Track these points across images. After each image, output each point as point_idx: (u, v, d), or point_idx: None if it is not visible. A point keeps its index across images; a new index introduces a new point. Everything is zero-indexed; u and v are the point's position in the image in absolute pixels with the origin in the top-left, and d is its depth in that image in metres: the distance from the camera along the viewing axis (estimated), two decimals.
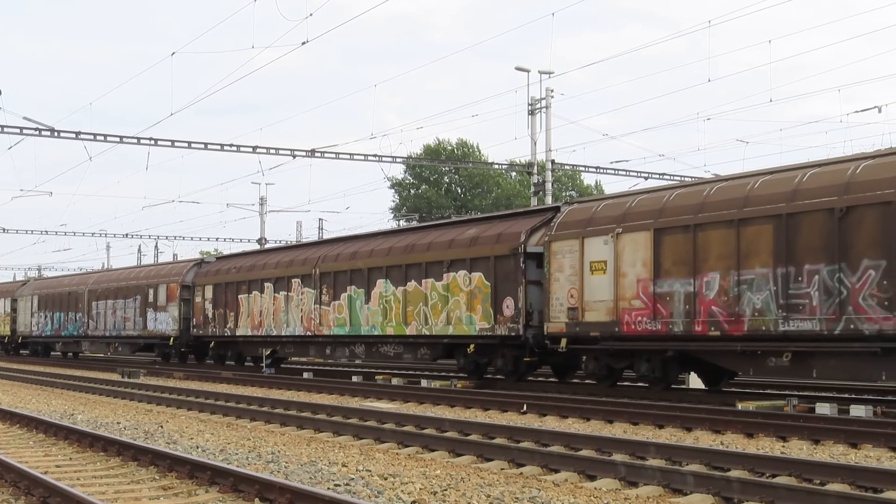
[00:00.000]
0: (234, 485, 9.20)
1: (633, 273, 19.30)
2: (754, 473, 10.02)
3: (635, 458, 11.26)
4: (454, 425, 14.68)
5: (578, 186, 75.28)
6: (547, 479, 10.28)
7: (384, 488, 9.40)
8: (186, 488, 9.56)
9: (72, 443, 13.31)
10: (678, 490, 9.38)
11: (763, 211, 17.07)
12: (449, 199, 75.14)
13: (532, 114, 38.43)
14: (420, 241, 25.95)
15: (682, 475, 9.55)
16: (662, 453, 11.24)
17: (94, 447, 12.57)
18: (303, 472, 10.37)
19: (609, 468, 10.20)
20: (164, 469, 10.50)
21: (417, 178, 77.14)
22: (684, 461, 10.84)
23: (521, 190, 69.42)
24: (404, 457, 12.10)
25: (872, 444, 12.45)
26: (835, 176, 16.36)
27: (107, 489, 9.57)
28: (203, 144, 37.03)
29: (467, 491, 9.30)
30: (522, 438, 13.14)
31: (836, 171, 16.53)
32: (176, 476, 10.17)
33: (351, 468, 10.82)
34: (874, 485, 9.17)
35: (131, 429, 15.29)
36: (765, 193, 17.24)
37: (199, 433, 14.79)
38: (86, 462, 11.60)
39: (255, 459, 11.53)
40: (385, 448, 13.03)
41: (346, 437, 14.28)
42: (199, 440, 13.78)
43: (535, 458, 11.13)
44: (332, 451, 12.62)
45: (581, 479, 10.21)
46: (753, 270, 17.10)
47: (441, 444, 12.70)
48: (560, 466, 10.70)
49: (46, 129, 34.68)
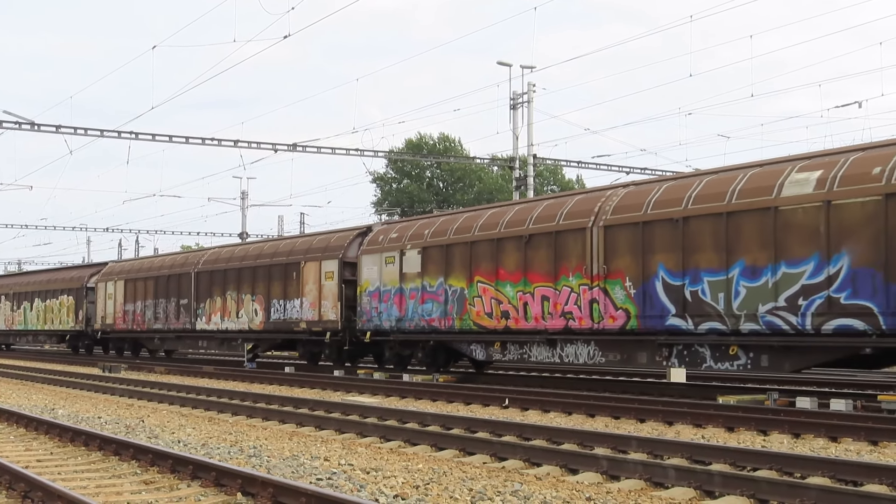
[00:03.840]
0: (217, 479, 9.18)
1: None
2: (735, 467, 10.06)
3: (617, 451, 11.30)
4: (436, 419, 14.69)
5: (560, 181, 75.38)
6: (529, 472, 10.30)
7: (366, 482, 9.40)
8: (168, 483, 9.53)
9: (53, 437, 13.25)
10: (660, 483, 9.41)
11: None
12: (431, 193, 75.12)
13: (514, 108, 38.42)
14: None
15: (663, 469, 9.58)
16: (644, 447, 11.27)
17: (75, 442, 12.52)
18: (285, 467, 10.36)
19: (591, 462, 10.22)
20: (146, 464, 10.46)
21: (399, 173, 77.10)
22: (666, 455, 10.88)
23: (502, 184, 69.46)
24: (387, 451, 12.11)
25: (852, 438, 12.52)
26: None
27: (88, 484, 9.53)
28: (184, 138, 36.96)
29: (450, 485, 9.31)
30: (505, 432, 13.16)
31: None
32: (158, 471, 10.14)
33: (333, 462, 10.82)
34: (854, 478, 9.22)
35: (113, 423, 15.23)
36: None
37: (181, 427, 14.75)
38: (67, 457, 11.55)
39: (238, 454, 11.51)
40: (367, 442, 13.03)
41: (329, 432, 14.27)
42: (180, 434, 13.74)
43: (518, 451, 11.15)
44: (314, 445, 12.60)
45: (563, 473, 10.23)
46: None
47: (423, 438, 12.71)
48: (542, 460, 10.72)
49: (26, 122, 34.51)
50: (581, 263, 20.03)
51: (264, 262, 31.52)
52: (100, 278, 42.84)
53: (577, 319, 20.10)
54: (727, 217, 17.25)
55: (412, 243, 25.07)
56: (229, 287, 33.13)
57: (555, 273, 20.63)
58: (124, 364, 32.67)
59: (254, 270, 31.98)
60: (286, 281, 30.14)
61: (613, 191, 20.53)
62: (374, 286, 26.33)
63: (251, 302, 31.97)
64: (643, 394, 19.25)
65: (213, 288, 34.11)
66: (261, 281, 31.48)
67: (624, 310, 19.14)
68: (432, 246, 24.26)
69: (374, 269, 26.34)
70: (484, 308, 22.60)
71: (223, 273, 33.72)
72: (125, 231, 73.81)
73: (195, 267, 35.72)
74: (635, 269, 18.87)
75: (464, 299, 23.11)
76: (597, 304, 19.64)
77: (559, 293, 20.50)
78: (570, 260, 20.31)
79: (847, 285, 15.64)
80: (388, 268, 25.79)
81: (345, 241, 28.29)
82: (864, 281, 15.42)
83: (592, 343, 20.21)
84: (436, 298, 24.07)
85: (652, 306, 18.61)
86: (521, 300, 21.52)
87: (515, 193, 39.61)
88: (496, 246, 22.23)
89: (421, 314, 24.56)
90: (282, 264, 30.54)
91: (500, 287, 22.10)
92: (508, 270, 21.87)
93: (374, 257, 26.39)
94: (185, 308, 35.85)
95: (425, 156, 65.94)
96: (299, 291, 29.50)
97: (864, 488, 8.89)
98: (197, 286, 35.23)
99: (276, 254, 31.36)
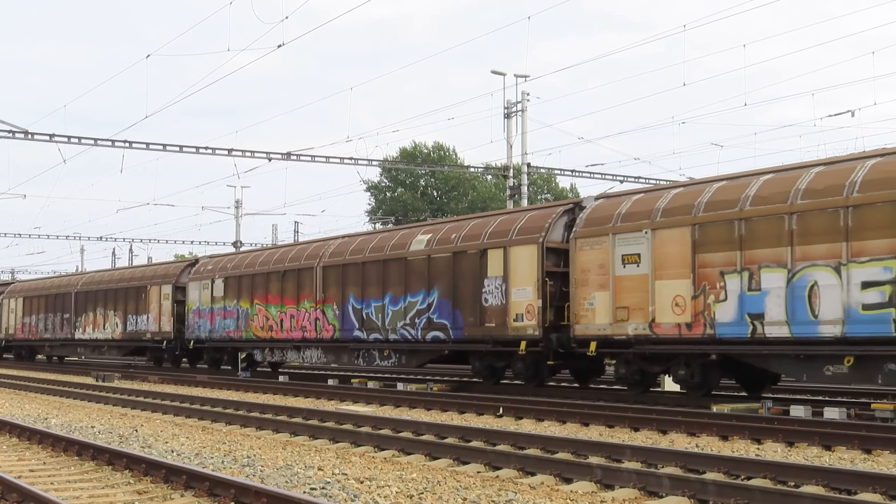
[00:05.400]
0: (210, 489, 9.16)
1: None
2: (729, 476, 10.06)
3: (611, 460, 11.29)
4: (431, 428, 14.68)
5: (554, 189, 75.41)
6: (523, 481, 10.29)
7: (360, 492, 9.39)
8: (161, 492, 9.51)
9: (45, 447, 13.22)
10: (654, 493, 9.41)
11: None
12: (425, 202, 75.11)
13: (508, 117, 38.46)
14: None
15: (657, 478, 9.59)
16: (638, 456, 11.27)
17: (68, 451, 12.49)
18: (279, 476, 10.35)
19: (585, 471, 10.22)
20: (139, 473, 10.44)
21: (393, 181, 77.06)
22: (660, 464, 10.88)
23: (496, 193, 69.48)
24: (380, 460, 12.09)
25: (846, 447, 12.53)
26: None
27: (81, 494, 9.51)
28: (178, 147, 36.94)
29: (444, 494, 9.30)
30: (499, 441, 13.15)
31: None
32: (151, 480, 10.12)
33: (327, 472, 10.80)
34: (848, 486, 9.23)
35: (106, 433, 15.20)
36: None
37: (174, 437, 14.72)
38: (60, 466, 11.52)
39: (231, 463, 11.49)
40: (361, 451, 13.01)
41: (323, 441, 14.25)
42: (174, 444, 13.71)
43: (512, 460, 11.14)
44: (308, 454, 12.59)
45: (557, 482, 10.23)
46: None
47: (417, 447, 12.70)
48: (536, 469, 10.72)
49: (20, 131, 34.46)
50: (311, 292, 28.52)
51: (123, 285, 40.28)
52: (5, 296, 51.08)
53: (309, 332, 28.45)
54: (383, 263, 25.64)
55: (219, 274, 33.51)
56: (99, 304, 41.59)
57: (298, 298, 29.19)
58: (118, 373, 32.76)
59: (115, 292, 40.54)
60: (138, 300, 38.59)
61: (331, 240, 29.49)
62: (196, 306, 34.63)
63: (114, 316, 40.44)
64: (637, 402, 19.24)
65: (88, 305, 42.58)
66: (121, 300, 39.89)
67: (333, 325, 27.42)
68: (231, 276, 32.87)
69: (196, 292, 34.62)
70: (259, 323, 31.03)
71: (95, 293, 42.21)
72: (119, 240, 73.75)
73: (75, 288, 44.25)
74: (339, 297, 27.25)
75: (248, 316, 31.59)
76: (319, 321, 28.08)
77: (300, 313, 29.07)
78: (305, 289, 28.83)
79: (437, 310, 23.72)
80: (204, 292, 34.07)
81: (178, 271, 37.22)
82: (445, 307, 23.51)
83: (319, 348, 28.59)
84: (232, 316, 32.45)
85: (347, 323, 26.84)
86: (279, 317, 30.01)
87: (509, 202, 39.65)
88: (266, 278, 30.87)
89: (223, 327, 32.87)
90: (135, 287, 39.06)
91: (268, 308, 30.62)
92: (273, 296, 30.42)
93: (197, 283, 34.69)
94: (67, 321, 44.28)
95: (419, 164, 65.96)
96: (146, 309, 37.99)
97: (858, 497, 8.90)
98: (76, 304, 43.66)
99: (132, 279, 40.20)
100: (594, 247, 19.76)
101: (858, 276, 15.48)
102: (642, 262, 18.79)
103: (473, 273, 22.76)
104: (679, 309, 18.10)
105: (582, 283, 19.94)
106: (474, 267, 22.77)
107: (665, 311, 18.31)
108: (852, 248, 15.57)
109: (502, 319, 21.86)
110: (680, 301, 18.10)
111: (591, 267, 19.79)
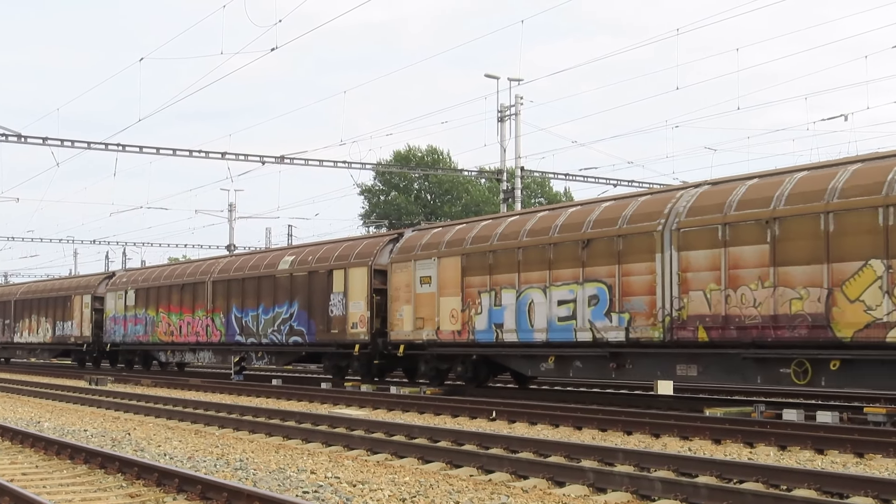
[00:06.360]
0: (202, 492, 9.15)
1: None
2: (722, 479, 10.07)
3: (604, 464, 11.30)
4: (423, 432, 14.68)
5: (547, 193, 75.44)
6: (516, 485, 10.30)
7: (353, 495, 9.39)
8: (154, 496, 9.50)
9: (38, 450, 13.19)
10: (646, 496, 9.42)
11: None
12: (419, 205, 75.09)
13: (501, 121, 38.46)
14: None
15: (650, 481, 9.59)
16: (631, 459, 11.28)
17: (60, 455, 12.46)
18: (271, 480, 10.34)
19: (578, 474, 10.23)
20: (132, 477, 10.43)
21: (387, 185, 77.02)
22: (653, 467, 10.89)
23: (490, 197, 69.50)
24: (373, 464, 12.09)
25: (839, 451, 12.56)
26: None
27: (73, 497, 9.50)
28: (171, 150, 36.88)
29: (436, 498, 9.30)
30: (492, 445, 13.15)
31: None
32: (143, 484, 10.11)
33: (320, 475, 10.80)
34: (840, 490, 9.25)
35: (98, 436, 15.17)
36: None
37: (167, 440, 14.70)
38: (52, 470, 11.50)
39: (224, 467, 11.48)
40: (354, 455, 13.01)
41: (315, 444, 14.24)
42: (166, 447, 13.70)
43: (505, 464, 11.15)
44: (300, 458, 12.58)
45: (550, 486, 10.23)
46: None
47: (410, 450, 12.69)
48: (529, 473, 10.72)
49: (13, 134, 34.40)
50: (203, 302, 33.47)
51: (53, 294, 45.70)
52: None
53: (202, 336, 33.34)
54: (258, 280, 30.61)
55: (132, 285, 38.68)
56: (34, 312, 47.29)
57: (193, 308, 34.02)
58: (110, 376, 32.73)
59: (47, 300, 45.90)
60: (64, 308, 44.14)
61: (220, 259, 34.39)
62: (112, 313, 40.10)
63: (45, 322, 45.92)
64: (630, 406, 19.27)
65: (25, 312, 48.47)
66: (51, 308, 45.34)
67: (220, 331, 32.40)
68: (141, 288, 37.87)
69: (112, 301, 40.13)
70: (163, 329, 36.09)
71: (31, 301, 47.92)
72: (112, 243, 73.59)
73: (15, 296, 50.21)
74: (224, 307, 32.22)
75: (154, 323, 36.61)
76: (209, 327, 32.78)
77: (195, 320, 33.84)
78: (199, 300, 33.73)
79: (296, 318, 28.67)
80: (119, 301, 39.35)
81: (96, 282, 42.87)
82: (302, 317, 28.44)
83: (210, 350, 33.72)
84: (141, 322, 37.56)
85: (231, 329, 31.87)
86: (179, 324, 34.94)
87: (503, 206, 39.66)
88: (169, 290, 35.92)
89: (135, 332, 38.02)
90: (62, 297, 44.51)
91: (170, 315, 35.46)
92: (174, 305, 35.37)
93: (113, 294, 40.33)
94: (8, 326, 50.39)
95: (413, 168, 65.96)
96: (71, 315, 43.41)
97: (850, 500, 8.93)
98: (15, 311, 49.60)
99: (60, 289, 45.74)
100: (403, 270, 24.66)
101: (556, 296, 20.23)
102: (432, 282, 23.60)
103: (323, 289, 27.73)
104: (454, 319, 22.96)
105: (395, 298, 24.89)
106: (324, 284, 27.76)
107: (446, 321, 23.20)
108: (553, 275, 20.36)
109: (343, 327, 26.84)
110: (455, 313, 22.95)
111: (401, 286, 24.63)
